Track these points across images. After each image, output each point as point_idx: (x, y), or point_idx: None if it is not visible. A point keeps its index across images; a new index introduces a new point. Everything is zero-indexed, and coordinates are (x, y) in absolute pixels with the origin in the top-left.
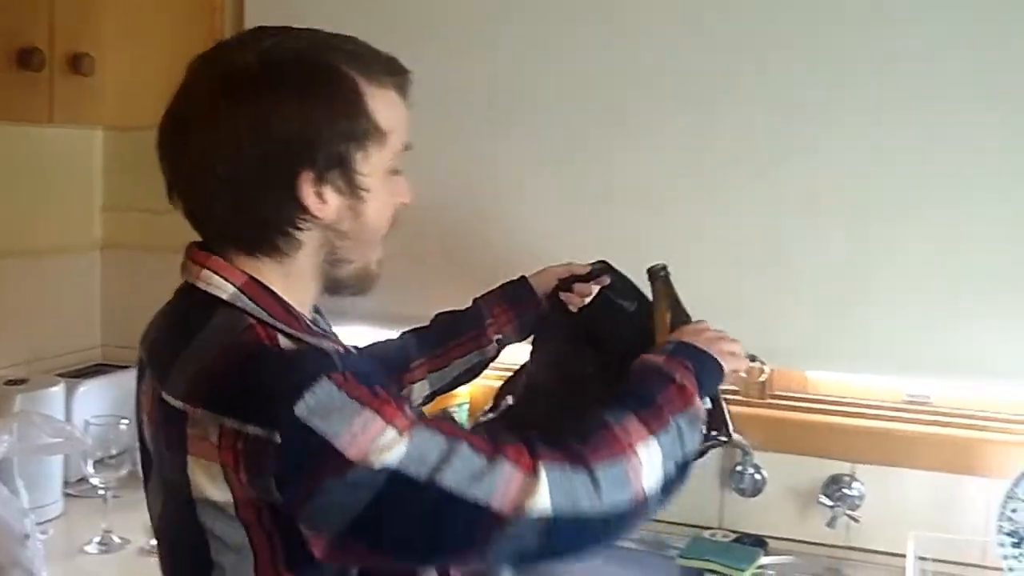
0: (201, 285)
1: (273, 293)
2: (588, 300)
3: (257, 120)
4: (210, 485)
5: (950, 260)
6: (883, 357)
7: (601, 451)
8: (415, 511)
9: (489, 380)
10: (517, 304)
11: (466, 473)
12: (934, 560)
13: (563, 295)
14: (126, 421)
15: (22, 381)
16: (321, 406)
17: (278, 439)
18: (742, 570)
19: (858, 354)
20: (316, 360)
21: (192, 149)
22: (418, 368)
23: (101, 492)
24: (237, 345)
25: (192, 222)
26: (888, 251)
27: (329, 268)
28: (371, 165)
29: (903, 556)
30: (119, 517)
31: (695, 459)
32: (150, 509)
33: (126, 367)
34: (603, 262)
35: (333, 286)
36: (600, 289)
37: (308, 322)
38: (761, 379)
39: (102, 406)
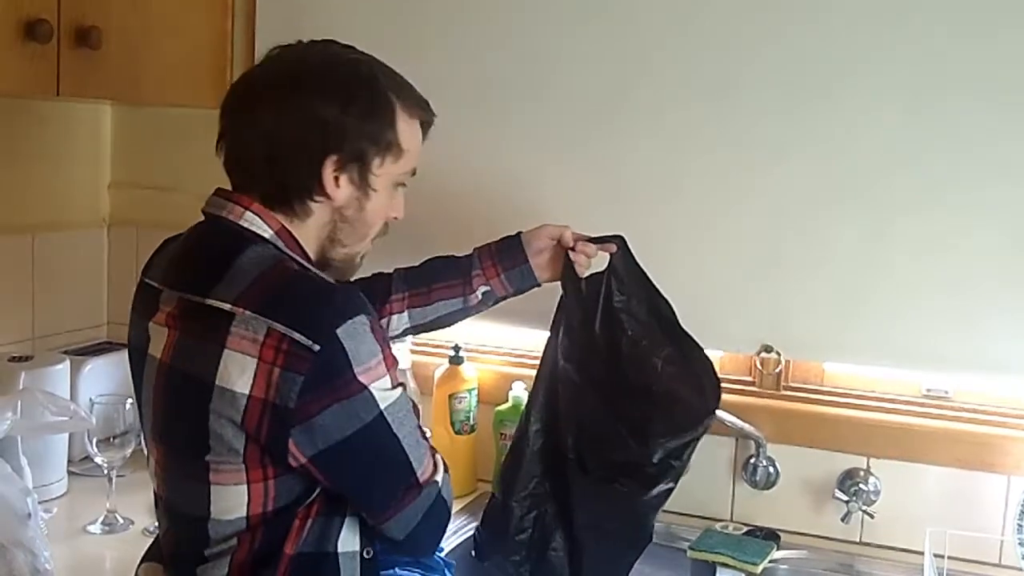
0: (244, 223)
1: (299, 243)
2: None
3: (309, 104)
4: (238, 376)
5: (971, 253)
6: (901, 350)
7: None
8: (378, 452)
9: (497, 366)
10: (505, 258)
11: (413, 439)
12: (951, 558)
13: (571, 255)
14: (131, 401)
15: (27, 358)
16: (356, 334)
17: (316, 348)
18: (755, 563)
19: (876, 347)
20: (359, 298)
21: (255, 114)
22: (398, 301)
23: (105, 471)
24: (282, 268)
25: (228, 167)
26: (908, 243)
27: (328, 245)
28: (383, 170)
29: (919, 553)
30: (123, 497)
31: None
32: (144, 408)
33: None
34: (619, 236)
35: (323, 262)
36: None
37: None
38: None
39: (107, 385)
